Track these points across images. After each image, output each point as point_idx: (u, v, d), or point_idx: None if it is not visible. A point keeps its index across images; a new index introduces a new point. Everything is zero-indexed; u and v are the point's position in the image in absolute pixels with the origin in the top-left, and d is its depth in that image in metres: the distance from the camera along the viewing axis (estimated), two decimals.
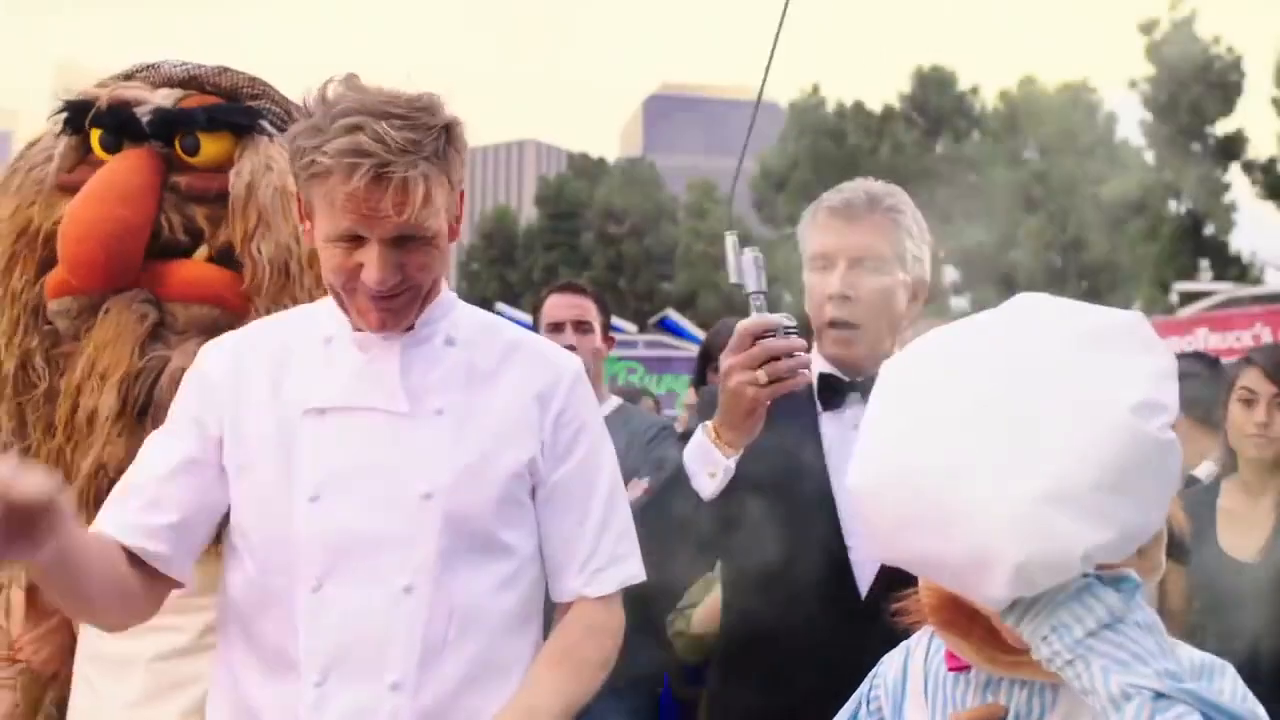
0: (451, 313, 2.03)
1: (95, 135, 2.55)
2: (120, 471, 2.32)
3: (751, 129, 2.35)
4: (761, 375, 2.09)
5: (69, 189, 2.50)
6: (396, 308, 1.91)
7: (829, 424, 2.39)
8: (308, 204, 1.90)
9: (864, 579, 2.29)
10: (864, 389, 2.38)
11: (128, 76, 2.63)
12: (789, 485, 2.27)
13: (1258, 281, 29.81)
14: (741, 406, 2.12)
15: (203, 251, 2.51)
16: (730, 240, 2.21)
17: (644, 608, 3.50)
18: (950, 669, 1.55)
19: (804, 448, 2.34)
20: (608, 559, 2.03)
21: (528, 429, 1.98)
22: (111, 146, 2.53)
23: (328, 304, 2.03)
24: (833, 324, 2.37)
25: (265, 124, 2.60)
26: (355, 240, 1.85)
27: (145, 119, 2.52)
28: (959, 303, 34.97)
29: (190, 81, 2.60)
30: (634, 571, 2.06)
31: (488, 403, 1.97)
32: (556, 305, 3.87)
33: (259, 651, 1.90)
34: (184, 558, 1.95)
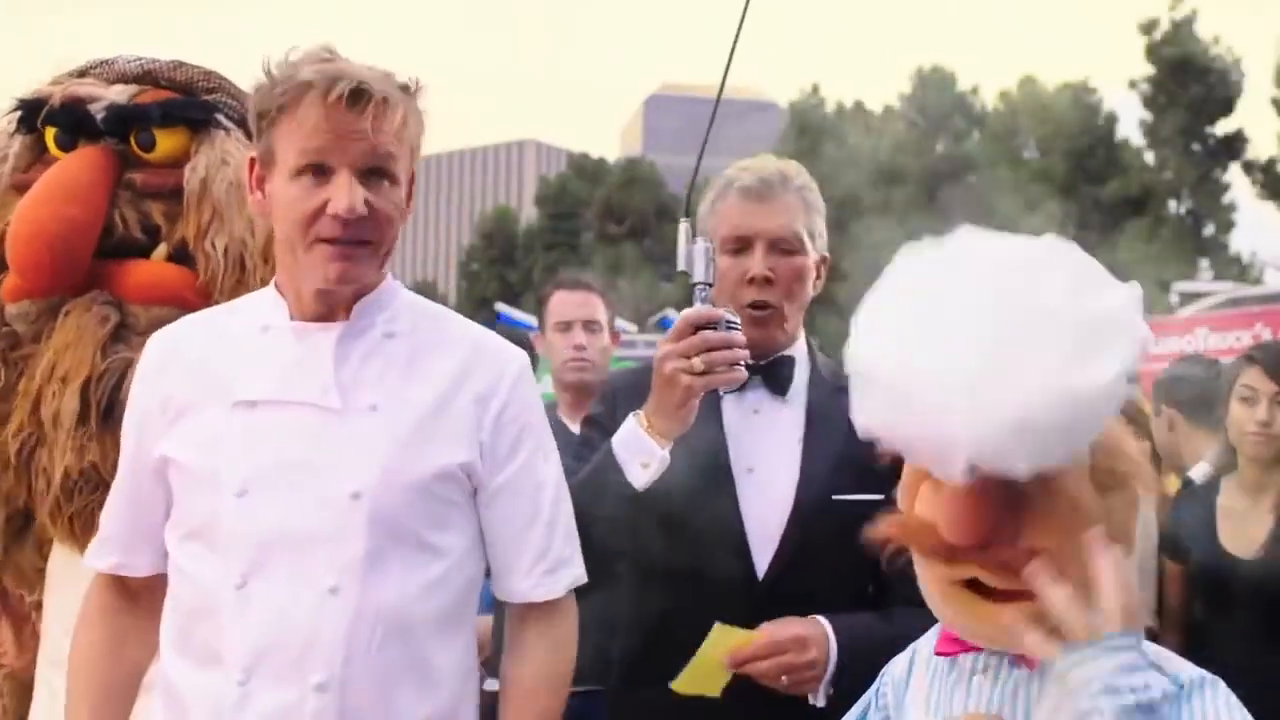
0: (393, 303, 1.97)
1: (50, 133, 2.52)
2: (88, 476, 2.34)
3: (711, 126, 2.28)
4: (697, 363, 2.08)
5: (24, 189, 2.47)
6: (358, 258, 1.86)
7: (730, 406, 2.36)
8: (266, 153, 1.86)
9: (762, 560, 2.27)
10: (765, 372, 2.36)
11: (82, 73, 2.59)
12: (689, 467, 2.23)
13: (1258, 281, 29.80)
14: (675, 395, 2.11)
15: (161, 250, 2.49)
16: (683, 227, 2.20)
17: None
18: (937, 653, 1.57)
19: (705, 429, 2.28)
20: (556, 561, 2.01)
21: (465, 430, 1.93)
22: (67, 145, 2.50)
23: (268, 293, 1.99)
24: (753, 306, 2.33)
25: (221, 118, 2.57)
26: (321, 174, 1.82)
27: (99, 116, 2.49)
28: None
29: (144, 77, 2.57)
30: (579, 572, 2.03)
31: (423, 400, 1.91)
32: (564, 304, 3.83)
33: (191, 645, 1.88)
34: (143, 556, 2.00)
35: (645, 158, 53.81)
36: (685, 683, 2.18)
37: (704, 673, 2.17)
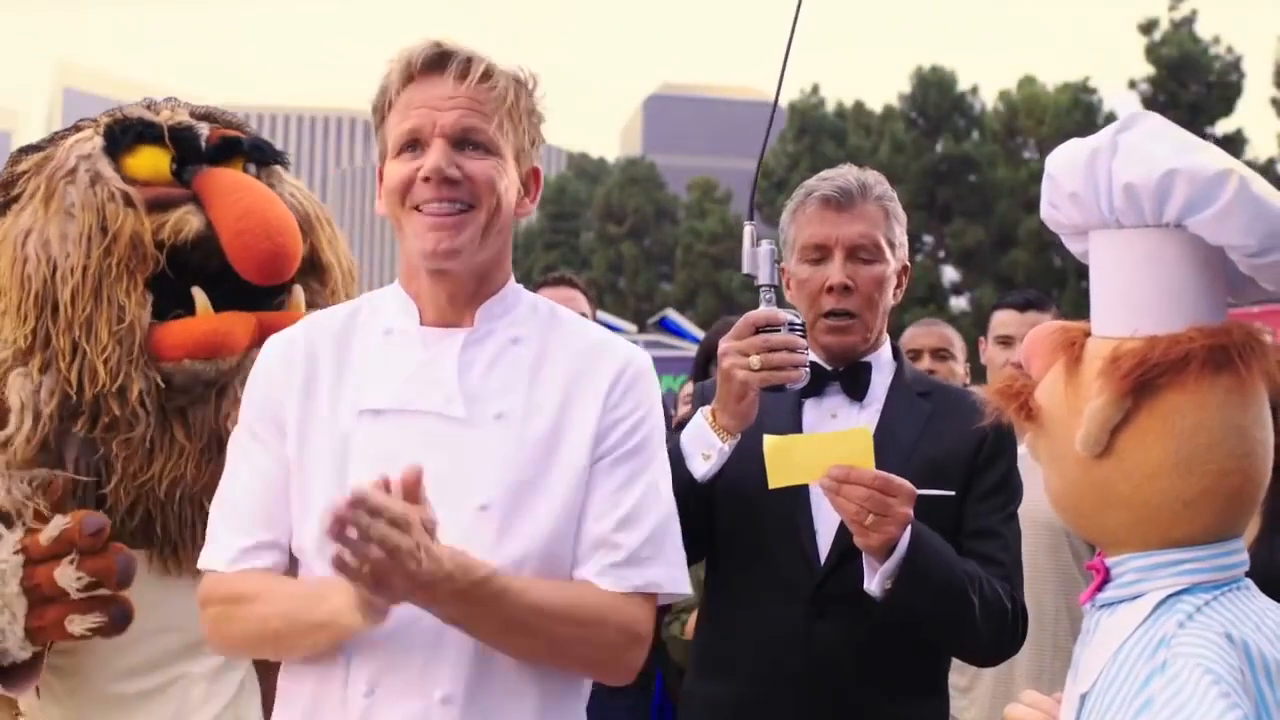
0: (517, 307, 1.96)
1: (163, 156, 2.48)
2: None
3: (769, 135, 2.36)
4: (754, 360, 2.14)
5: (159, 203, 2.42)
6: (459, 227, 1.84)
7: (809, 411, 2.42)
8: (380, 153, 1.90)
9: (822, 554, 2.32)
10: (844, 378, 2.42)
11: (148, 107, 2.58)
12: (763, 468, 2.29)
13: None
14: (732, 390, 2.18)
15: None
16: (748, 230, 2.24)
17: None
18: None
19: (785, 430, 2.35)
20: None
21: (585, 429, 1.88)
22: (188, 172, 2.50)
23: (390, 293, 1.98)
24: (831, 314, 2.38)
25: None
26: (417, 148, 1.85)
27: (246, 144, 2.57)
28: (959, 303, 34.95)
29: (208, 116, 2.61)
30: None
31: (547, 405, 1.88)
32: (551, 299, 3.86)
33: (305, 666, 1.85)
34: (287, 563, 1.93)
35: (645, 158, 53.80)
36: (779, 453, 2.14)
37: (801, 462, 2.14)
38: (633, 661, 1.88)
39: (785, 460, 2.13)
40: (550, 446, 1.85)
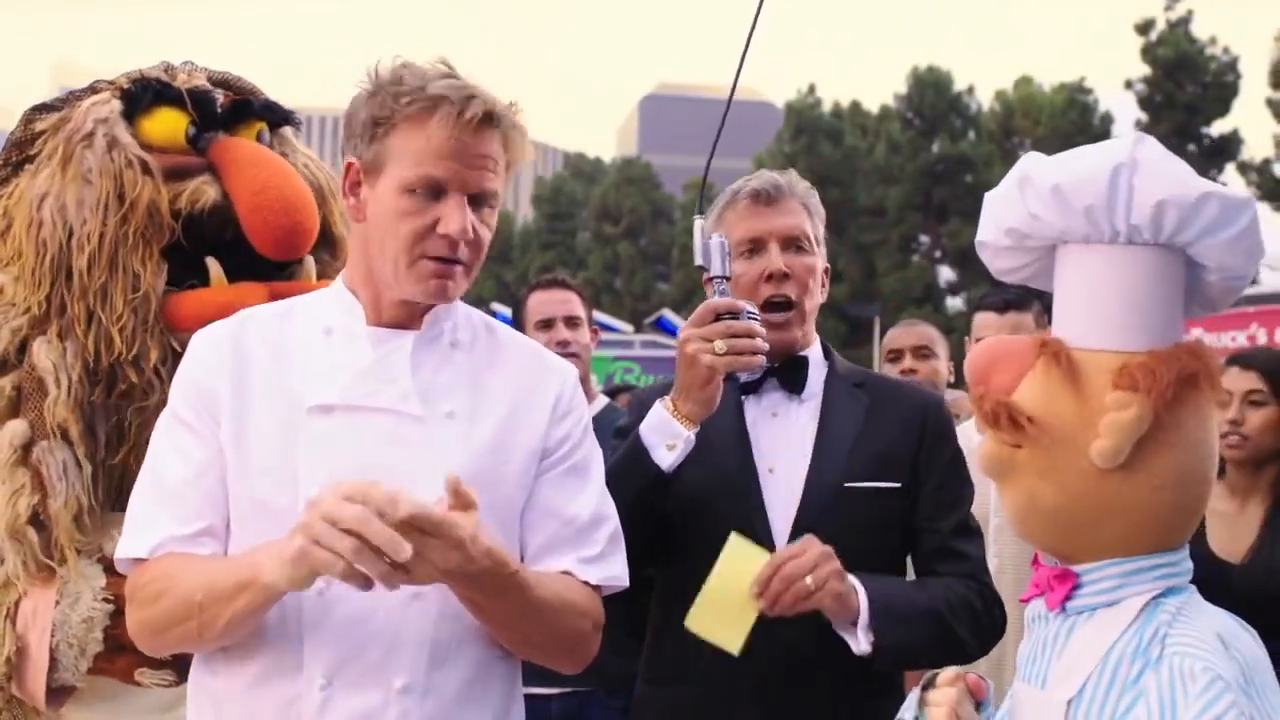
0: (456, 314, 2.00)
1: (180, 119, 2.48)
2: None
3: (723, 125, 2.34)
4: (719, 345, 2.15)
5: (177, 171, 2.44)
6: (456, 276, 1.89)
7: (750, 410, 2.43)
8: (374, 160, 1.86)
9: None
10: (780, 375, 2.43)
11: (166, 71, 2.58)
12: (716, 472, 2.33)
13: (1254, 282, 29.82)
14: (698, 375, 2.18)
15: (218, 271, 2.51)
16: (698, 224, 2.28)
17: (633, 607, 3.52)
18: (1021, 599, 1.60)
19: (729, 435, 2.38)
20: None
21: (533, 435, 1.96)
22: (204, 139, 2.51)
23: (330, 294, 2.00)
24: (772, 302, 2.38)
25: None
26: (434, 194, 1.84)
27: (257, 105, 2.59)
28: (955, 303, 34.97)
29: (223, 83, 2.62)
30: None
31: (493, 408, 1.94)
32: (545, 302, 3.83)
33: (251, 658, 1.84)
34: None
35: (641, 157, 53.78)
36: (701, 621, 2.11)
37: (725, 610, 2.10)
38: (594, 650, 2.00)
39: (714, 619, 2.10)
40: (498, 447, 1.93)
